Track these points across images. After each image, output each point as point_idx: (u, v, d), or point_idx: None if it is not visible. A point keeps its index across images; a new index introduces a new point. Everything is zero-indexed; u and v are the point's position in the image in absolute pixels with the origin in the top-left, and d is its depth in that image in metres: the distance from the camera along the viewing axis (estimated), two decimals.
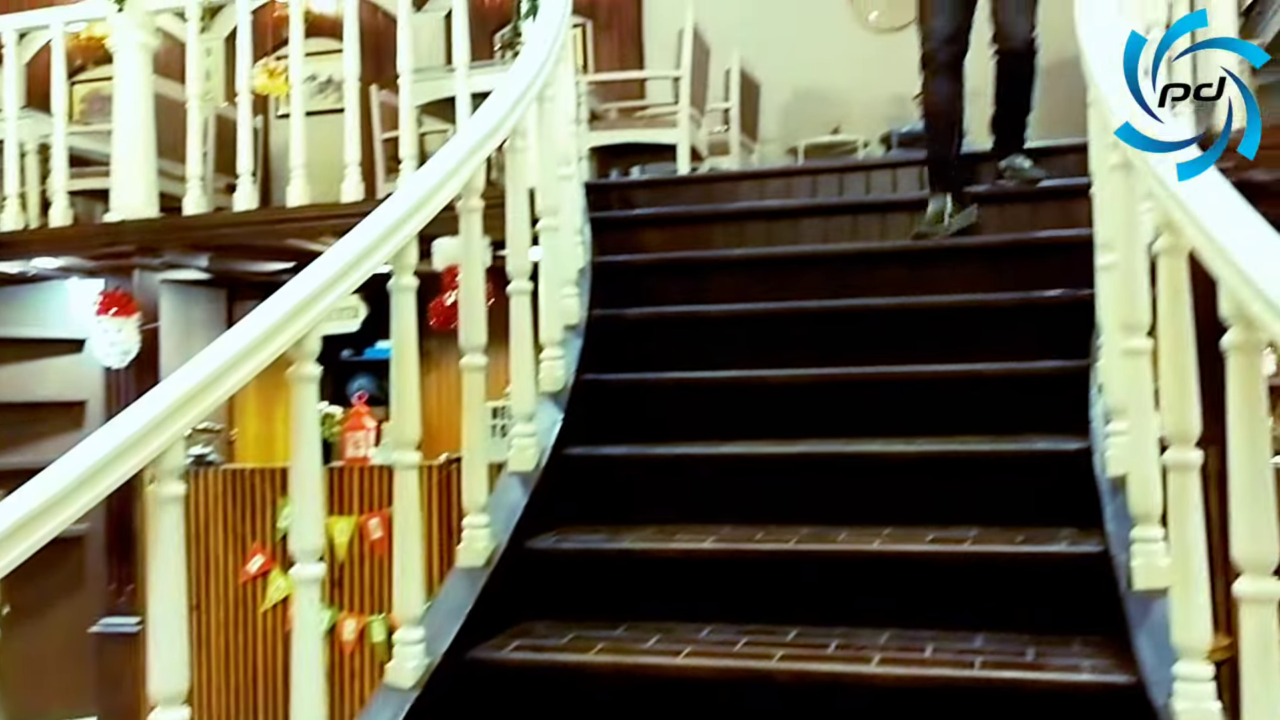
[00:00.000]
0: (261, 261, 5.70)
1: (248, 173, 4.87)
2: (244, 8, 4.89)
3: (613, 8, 7.61)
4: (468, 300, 2.54)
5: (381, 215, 2.19)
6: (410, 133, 4.80)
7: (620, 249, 4.01)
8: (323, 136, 5.46)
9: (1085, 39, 2.39)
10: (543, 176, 3.17)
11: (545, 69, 3.12)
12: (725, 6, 7.06)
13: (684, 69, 5.81)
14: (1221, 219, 1.57)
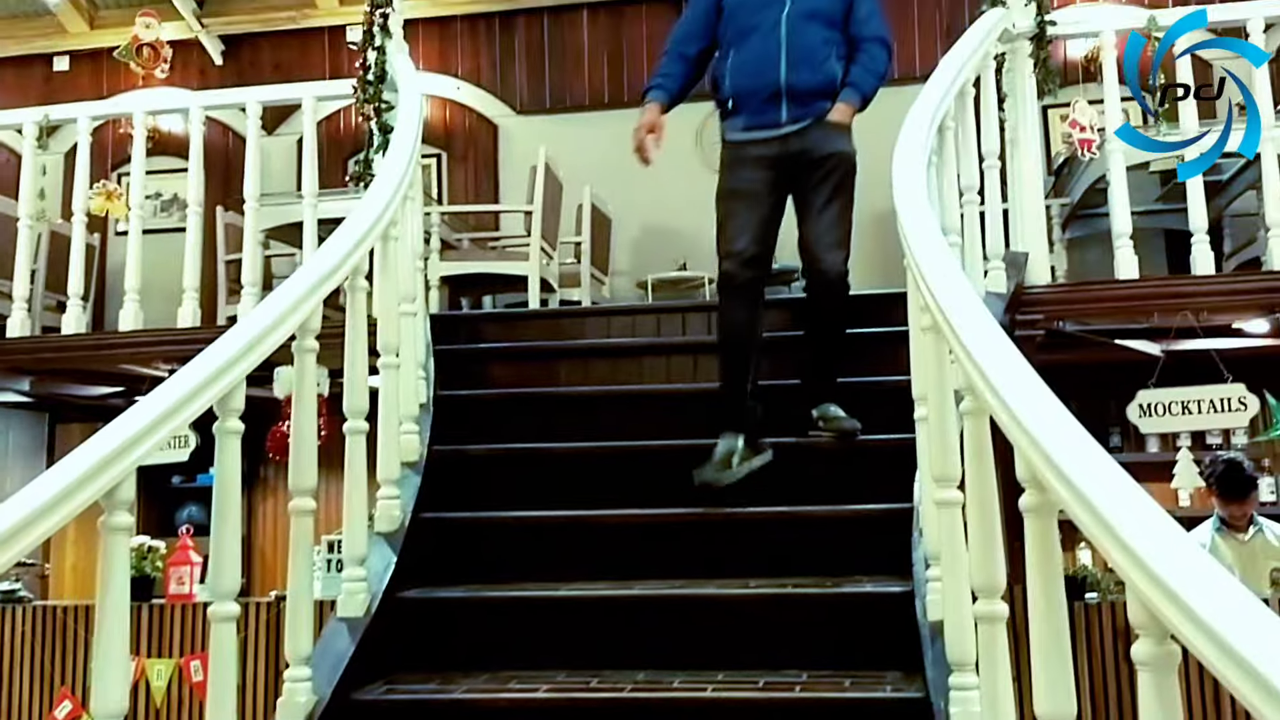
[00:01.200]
0: (88, 385, 5.46)
1: (77, 296, 4.70)
2: (84, 129, 4.79)
3: (468, 139, 7.75)
4: (298, 442, 2.48)
5: (208, 358, 2.14)
6: (253, 260, 4.73)
7: (466, 383, 4.01)
8: (164, 255, 5.35)
9: (900, 207, 2.55)
10: (384, 314, 3.16)
11: (391, 207, 3.15)
12: (579, 143, 7.28)
13: (536, 204, 5.93)
14: (1016, 389, 1.68)
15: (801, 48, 3.32)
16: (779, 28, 3.32)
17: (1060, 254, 6.02)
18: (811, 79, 3.33)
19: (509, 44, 7.68)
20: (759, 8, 3.36)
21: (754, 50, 3.34)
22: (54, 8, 7.54)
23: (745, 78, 3.35)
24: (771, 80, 3.31)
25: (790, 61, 3.31)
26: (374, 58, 4.56)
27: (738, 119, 3.41)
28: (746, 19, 3.37)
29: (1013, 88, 4.27)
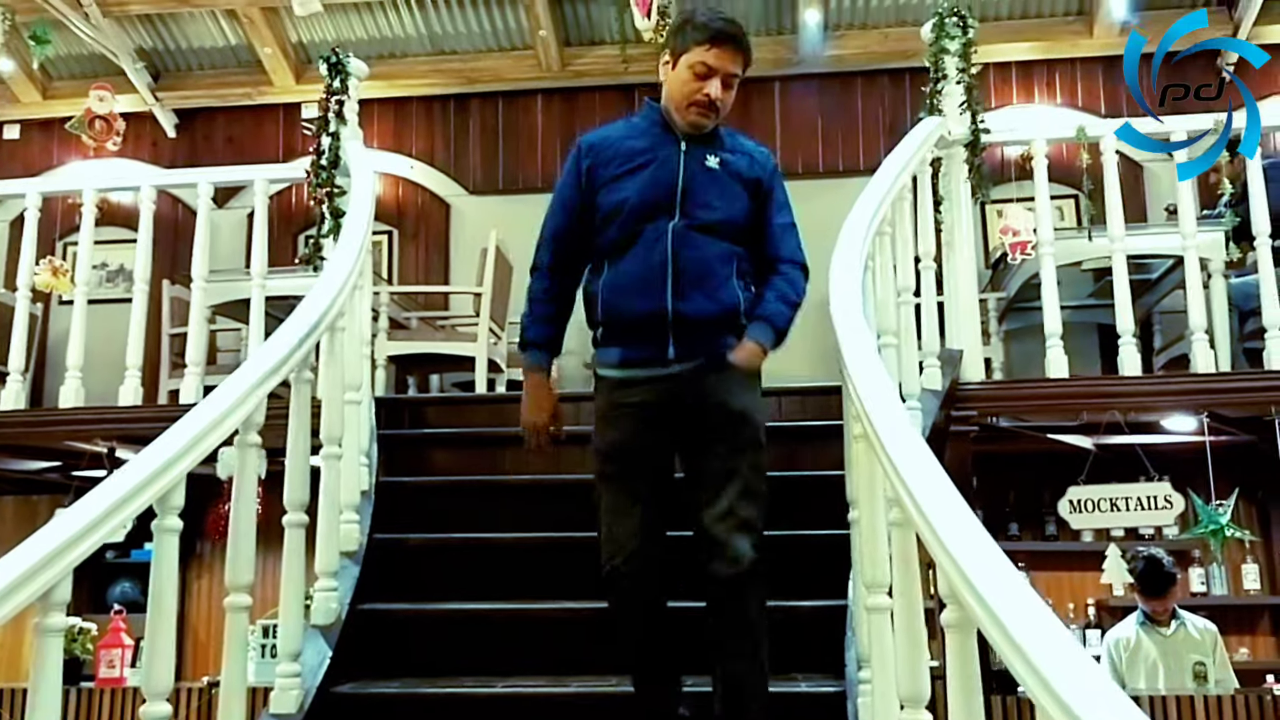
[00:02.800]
0: (25, 460, 5.37)
1: (18, 371, 4.65)
2: (32, 205, 4.78)
3: (420, 217, 7.81)
4: (236, 538, 2.48)
5: (148, 457, 2.15)
6: (198, 338, 4.72)
7: (409, 468, 4.02)
8: (108, 325, 5.30)
9: (837, 320, 2.63)
10: (329, 403, 3.18)
11: (339, 299, 3.20)
12: (531, 224, 7.29)
13: (485, 286, 5.99)
14: (940, 511, 1.74)
15: (694, 264, 2.52)
16: (664, 239, 2.52)
17: (997, 346, 6.19)
18: (706, 306, 2.52)
19: (463, 125, 7.80)
20: (641, 212, 2.54)
21: (634, 265, 2.54)
22: (6, 77, 7.53)
23: (622, 299, 2.55)
24: (654, 306, 2.50)
25: (679, 282, 2.50)
26: (328, 143, 4.63)
27: (612, 350, 2.66)
28: (627, 224, 2.55)
29: (949, 191, 4.43)
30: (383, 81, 7.39)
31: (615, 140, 2.64)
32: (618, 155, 2.60)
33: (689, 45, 2.54)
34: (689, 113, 2.56)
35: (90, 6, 6.93)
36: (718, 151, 2.63)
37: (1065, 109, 7.14)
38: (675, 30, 2.63)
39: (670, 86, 2.59)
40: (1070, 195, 6.73)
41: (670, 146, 2.59)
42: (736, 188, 2.62)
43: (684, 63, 2.55)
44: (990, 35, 7.06)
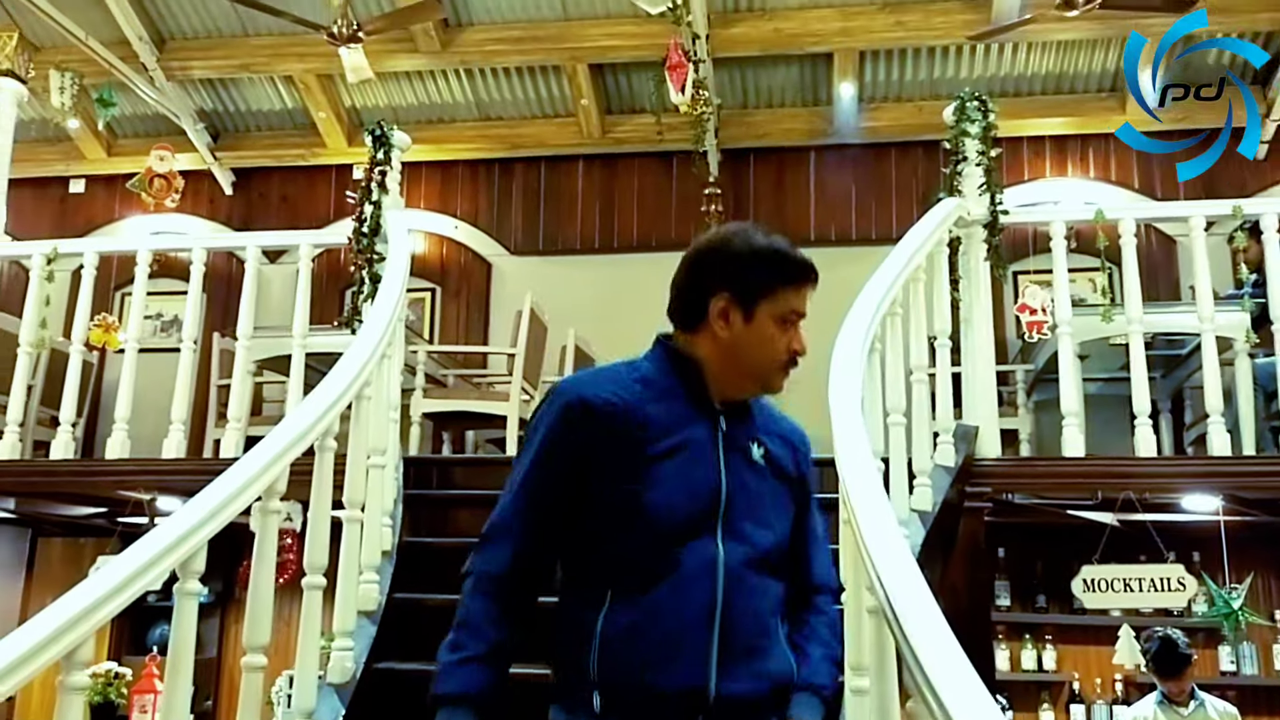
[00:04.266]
0: (72, 505, 5.60)
1: (68, 422, 4.87)
2: (89, 263, 5.03)
3: (462, 275, 8.04)
4: (255, 601, 2.63)
5: (173, 524, 2.30)
6: (241, 394, 4.91)
7: (433, 529, 4.15)
8: (159, 374, 5.53)
9: (835, 415, 2.73)
10: (352, 468, 3.33)
11: (367, 369, 3.36)
12: (568, 284, 7.58)
13: (519, 347, 6.15)
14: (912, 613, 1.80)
15: (747, 620, 1.75)
16: (710, 578, 1.73)
17: (1025, 418, 6.22)
18: (757, 685, 1.75)
19: (506, 188, 8.04)
20: (676, 529, 1.73)
21: (662, 611, 1.71)
22: (73, 134, 7.91)
23: (640, 663, 1.69)
24: (691, 681, 1.69)
25: (726, 647, 1.71)
26: (370, 212, 4.84)
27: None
28: (654, 545, 1.73)
29: (967, 270, 4.52)
30: (431, 145, 7.67)
31: (630, 405, 1.76)
32: (635, 430, 1.74)
33: (774, 288, 1.80)
34: (777, 378, 1.85)
35: (155, 70, 7.28)
36: (756, 433, 1.87)
37: (1098, 183, 7.21)
38: (736, 267, 1.81)
39: (743, 346, 1.81)
40: (1096, 268, 6.77)
41: (703, 424, 1.79)
42: (783, 492, 1.89)
43: (767, 312, 1.80)
44: (1024, 109, 7.19)
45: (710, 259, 1.86)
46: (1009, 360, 6.58)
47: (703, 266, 1.86)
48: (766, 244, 1.85)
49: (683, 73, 5.92)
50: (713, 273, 1.84)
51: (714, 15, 6.75)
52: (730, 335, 1.82)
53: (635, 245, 7.84)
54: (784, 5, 6.84)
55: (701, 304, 1.84)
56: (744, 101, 7.66)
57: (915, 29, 6.72)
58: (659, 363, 1.89)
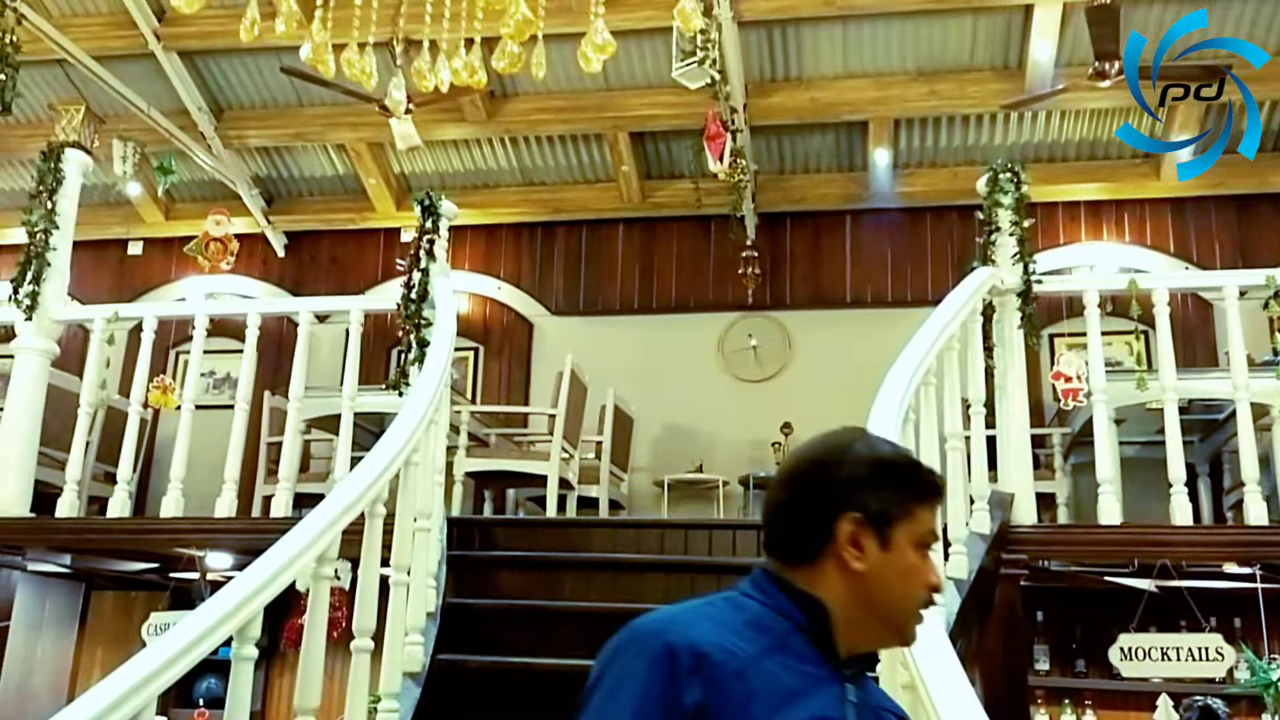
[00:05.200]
0: (126, 561, 5.76)
1: (125, 481, 5.03)
2: (149, 328, 5.23)
3: (504, 335, 8.21)
4: (307, 665, 2.74)
5: (230, 593, 2.42)
6: (291, 454, 5.05)
7: (476, 590, 4.25)
8: (211, 431, 5.70)
9: None
10: (400, 533, 3.45)
11: (414, 437, 3.48)
12: (608, 344, 7.72)
13: (560, 408, 6.28)
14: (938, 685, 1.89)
15: None
16: None
17: (1063, 481, 6.24)
18: None
19: (549, 250, 8.23)
20: None
21: None
22: (133, 199, 8.21)
23: None
24: None
25: None
26: (418, 278, 5.00)
27: None
28: None
29: (1001, 338, 4.59)
30: (476, 210, 7.88)
31: (747, 662, 1.34)
32: (757, 695, 1.33)
33: (909, 505, 1.45)
34: (915, 622, 1.48)
35: (212, 139, 7.57)
36: (877, 695, 1.52)
37: (1134, 247, 7.26)
38: (865, 482, 1.45)
39: (882, 580, 1.43)
40: (1133, 331, 6.80)
41: (829, 688, 1.39)
42: None
43: (905, 536, 1.45)
44: (1058, 175, 7.28)
45: (830, 473, 1.47)
46: (1045, 423, 6.61)
47: (820, 483, 1.47)
48: (895, 453, 1.52)
49: (721, 143, 6.09)
50: (835, 490, 1.45)
51: (751, 85, 6.93)
52: (866, 566, 1.43)
53: (674, 306, 7.99)
54: (820, 75, 7.01)
55: (823, 529, 1.44)
56: (781, 167, 7.82)
57: (949, 98, 6.86)
58: (773, 603, 1.44)
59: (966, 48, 6.74)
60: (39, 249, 5.30)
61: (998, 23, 6.55)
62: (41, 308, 5.22)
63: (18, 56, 5.55)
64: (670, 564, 4.45)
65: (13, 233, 8.17)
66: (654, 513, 7.36)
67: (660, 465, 7.61)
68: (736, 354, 7.86)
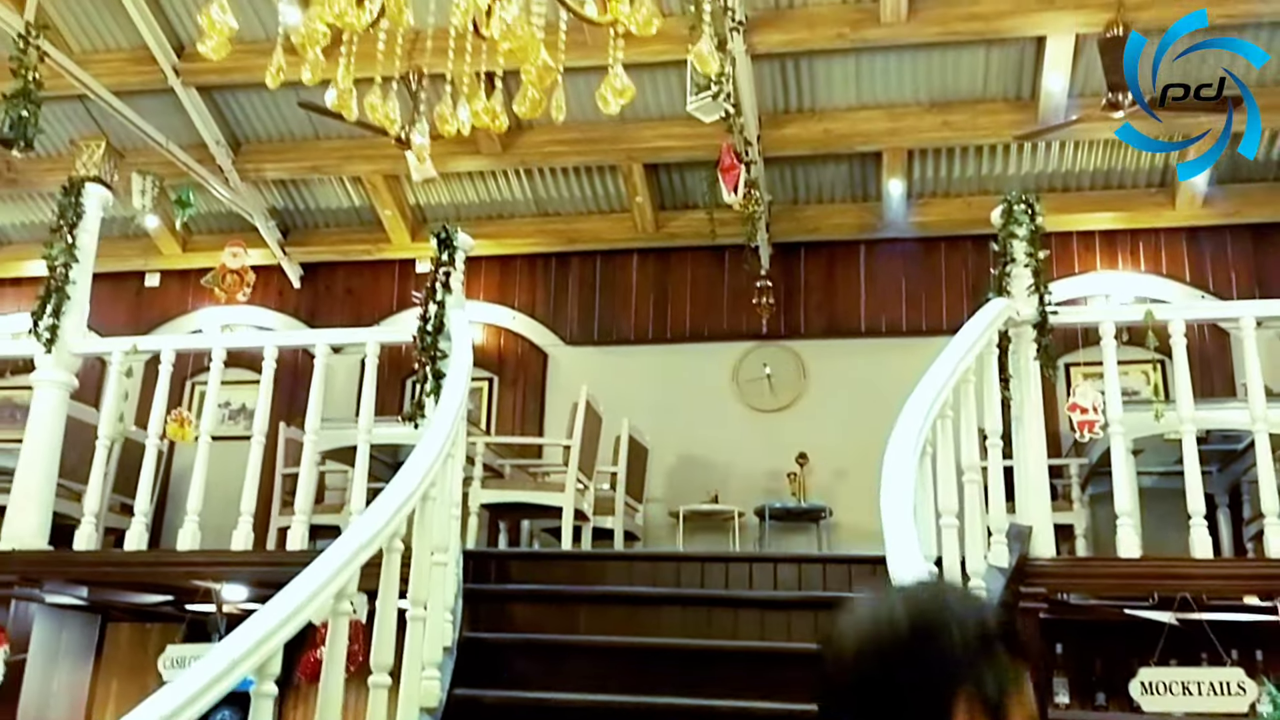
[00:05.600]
0: (142, 593, 5.75)
1: (142, 514, 5.04)
2: (166, 360, 5.25)
3: (519, 365, 8.22)
4: (326, 701, 2.73)
5: (249, 630, 2.43)
6: (307, 486, 5.06)
7: (492, 624, 4.24)
8: (226, 462, 5.71)
9: (887, 522, 2.81)
10: (417, 567, 3.45)
11: (432, 471, 3.49)
12: (623, 374, 7.73)
13: (574, 440, 6.28)
14: None
15: None
16: None
17: (1080, 512, 6.20)
18: None
19: (563, 281, 8.26)
20: None
21: None
22: (151, 231, 8.28)
23: None
24: None
25: None
26: (434, 311, 5.02)
27: None
28: None
29: (1017, 369, 4.57)
30: (490, 240, 7.92)
31: None
32: None
33: (1019, 675, 1.26)
34: None
35: (230, 172, 7.64)
36: None
37: (1149, 276, 7.25)
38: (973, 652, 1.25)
39: None
40: (1150, 360, 6.79)
41: None
42: None
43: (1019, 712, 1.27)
44: (1072, 204, 7.28)
45: (938, 645, 1.25)
46: (1062, 453, 6.57)
47: (929, 656, 1.25)
48: (996, 614, 1.31)
49: (735, 174, 6.11)
50: (948, 664, 1.25)
51: (765, 117, 6.96)
52: None
53: (688, 336, 8.00)
54: (833, 106, 7.04)
55: (932, 711, 1.23)
56: (794, 197, 7.84)
57: (962, 129, 6.87)
58: None
59: (979, 79, 6.76)
60: (59, 282, 5.34)
61: (1010, 54, 6.58)
62: (61, 341, 5.26)
63: (40, 93, 5.63)
64: (687, 598, 4.44)
65: (32, 265, 8.26)
66: (669, 544, 7.34)
67: (675, 496, 7.60)
68: (751, 384, 7.86)
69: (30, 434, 5.23)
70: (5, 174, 7.81)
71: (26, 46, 5.62)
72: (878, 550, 3.72)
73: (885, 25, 6.21)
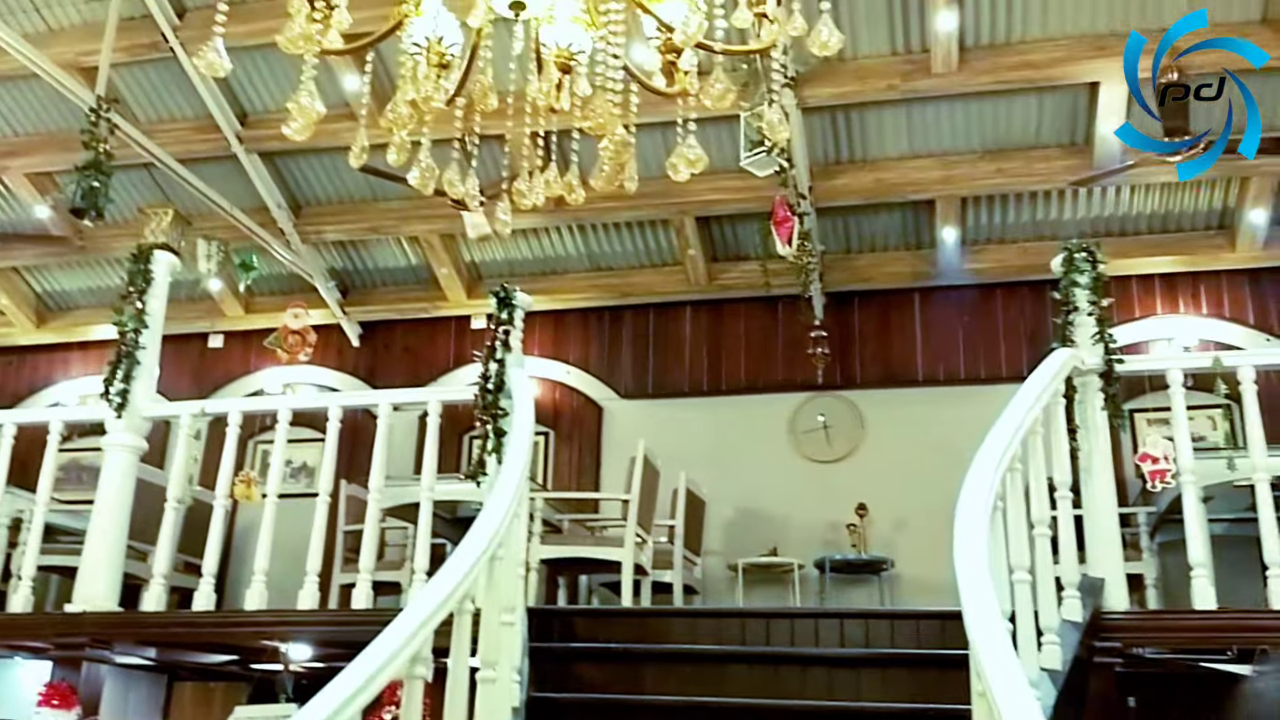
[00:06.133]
0: (209, 653, 5.81)
1: (210, 574, 5.11)
2: (233, 422, 5.35)
3: (574, 419, 8.25)
4: None
5: (326, 699, 2.44)
6: (371, 545, 5.10)
7: (558, 684, 4.22)
8: (288, 520, 5.76)
9: (962, 580, 2.77)
10: (486, 628, 3.45)
11: (499, 533, 3.50)
12: (678, 427, 7.73)
13: (633, 494, 6.27)
14: None
15: None
16: None
17: (1150, 561, 6.07)
18: None
19: (617, 334, 8.31)
20: None
21: None
22: (215, 294, 8.46)
23: None
24: None
25: None
26: (494, 369, 5.07)
27: None
28: None
29: (1084, 420, 4.51)
30: (545, 295, 7.99)
31: None
32: None
33: None
34: None
35: (291, 234, 7.81)
36: None
37: (1211, 320, 7.14)
38: None
39: None
40: (1219, 405, 6.66)
41: None
42: None
43: None
44: (1130, 249, 7.21)
45: None
46: (1129, 501, 6.45)
47: None
48: None
49: (789, 226, 6.14)
50: None
51: (816, 168, 6.99)
52: None
53: (743, 387, 7.99)
54: (884, 156, 7.06)
55: None
56: (847, 246, 7.84)
57: (1016, 175, 6.86)
58: None
59: (1032, 126, 6.75)
60: (129, 348, 5.46)
61: (1063, 100, 6.57)
62: (131, 405, 5.37)
63: (109, 163, 5.82)
64: (753, 655, 4.39)
65: (98, 329, 8.48)
66: (728, 597, 7.28)
67: (733, 548, 7.55)
68: (808, 434, 7.82)
69: (101, 497, 5.33)
70: (75, 242, 8.04)
71: (98, 120, 5.82)
72: (942, 603, 3.68)
73: (936, 76, 6.24)
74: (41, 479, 5.48)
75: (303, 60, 2.16)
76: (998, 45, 6.19)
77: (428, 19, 2.38)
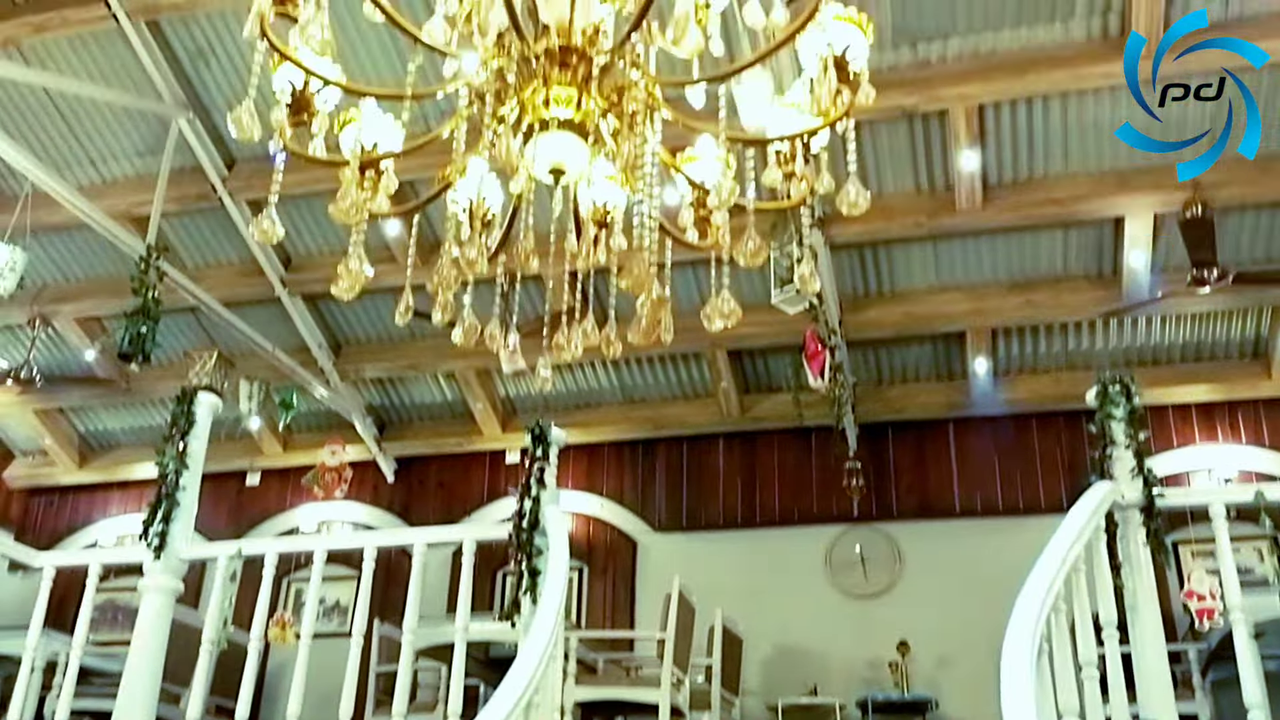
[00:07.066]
0: None
1: (244, 718, 5.05)
2: (270, 563, 5.35)
3: (609, 553, 8.20)
4: None
5: None
6: (404, 689, 5.03)
7: None
8: (320, 659, 5.71)
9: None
10: None
11: (534, 680, 3.47)
12: (713, 561, 7.66)
13: (669, 633, 6.18)
14: None
15: None
16: None
17: (1203, 701, 5.88)
18: None
19: (650, 467, 8.32)
20: None
21: None
22: (254, 432, 8.58)
23: None
24: None
25: None
26: (529, 507, 5.07)
27: None
28: None
29: (1127, 556, 4.43)
30: (578, 428, 8.04)
31: None
32: None
33: None
34: None
35: (330, 373, 7.95)
36: None
37: (1251, 448, 7.06)
38: None
39: None
40: (1266, 536, 6.52)
41: None
42: None
43: None
44: (1165, 378, 7.20)
45: None
46: (1178, 637, 6.28)
47: None
48: None
49: (821, 360, 6.19)
50: None
51: (845, 302, 7.08)
52: None
53: (778, 520, 7.93)
54: (913, 289, 7.15)
55: None
56: (879, 378, 7.88)
57: (1045, 307, 6.91)
58: None
59: (1060, 258, 6.83)
60: (170, 489, 5.52)
61: (1089, 234, 6.66)
62: (170, 547, 5.39)
63: (158, 309, 5.99)
64: None
65: (139, 468, 8.59)
66: None
67: (772, 687, 7.38)
68: (845, 568, 7.71)
69: (138, 639, 5.31)
70: (121, 385, 8.21)
71: (148, 268, 6.02)
72: None
73: (961, 213, 6.36)
74: (79, 623, 5.49)
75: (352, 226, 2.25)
76: (1020, 182, 6.32)
77: (471, 181, 2.48)
